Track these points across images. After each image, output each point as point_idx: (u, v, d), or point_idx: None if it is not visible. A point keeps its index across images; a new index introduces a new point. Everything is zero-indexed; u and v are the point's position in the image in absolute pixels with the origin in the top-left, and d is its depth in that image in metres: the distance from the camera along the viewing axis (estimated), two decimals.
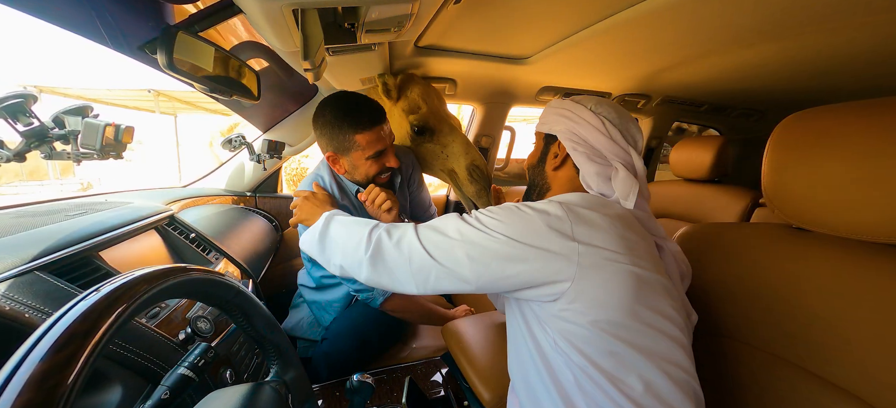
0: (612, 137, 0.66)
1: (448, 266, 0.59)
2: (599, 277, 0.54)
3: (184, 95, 6.71)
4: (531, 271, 0.55)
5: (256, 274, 1.19)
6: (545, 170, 0.75)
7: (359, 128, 0.96)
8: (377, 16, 0.66)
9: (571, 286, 0.54)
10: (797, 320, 0.61)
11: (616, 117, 0.67)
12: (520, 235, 0.56)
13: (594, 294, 0.54)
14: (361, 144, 0.98)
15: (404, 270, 0.62)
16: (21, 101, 0.67)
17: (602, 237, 0.55)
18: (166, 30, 0.62)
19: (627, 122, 0.68)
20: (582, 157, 0.66)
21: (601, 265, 0.54)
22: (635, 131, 0.68)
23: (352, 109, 0.97)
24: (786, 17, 0.84)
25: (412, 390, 0.84)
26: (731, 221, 1.51)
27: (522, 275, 0.56)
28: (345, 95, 1.01)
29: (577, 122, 0.68)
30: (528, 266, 0.55)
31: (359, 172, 1.04)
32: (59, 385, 0.24)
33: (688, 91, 1.69)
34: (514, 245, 0.56)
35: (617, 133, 0.66)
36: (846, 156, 0.55)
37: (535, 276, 0.55)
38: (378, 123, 0.99)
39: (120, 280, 0.32)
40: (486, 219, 0.60)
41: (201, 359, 0.56)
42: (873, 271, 0.54)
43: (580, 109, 0.69)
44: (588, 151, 0.66)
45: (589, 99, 0.70)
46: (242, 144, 1.45)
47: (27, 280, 0.56)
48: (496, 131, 1.83)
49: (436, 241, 0.61)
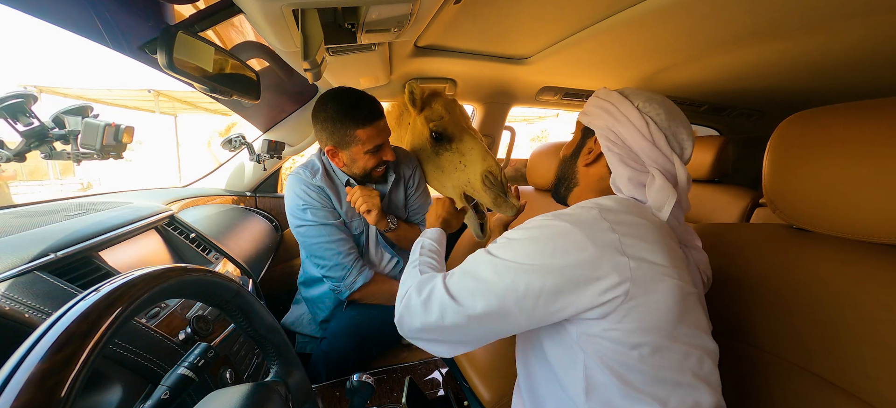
0: (656, 142, 0.59)
1: (490, 318, 0.53)
2: (651, 291, 0.49)
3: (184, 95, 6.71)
4: (584, 298, 0.50)
5: (256, 274, 1.19)
6: (577, 164, 0.70)
7: (360, 123, 0.98)
8: (377, 16, 0.66)
9: (623, 303, 0.49)
10: (797, 319, 0.61)
11: (665, 119, 0.60)
12: (564, 260, 0.50)
13: (645, 311, 0.49)
14: (362, 139, 1.00)
15: (440, 331, 0.57)
16: (21, 101, 0.67)
17: (650, 249, 0.50)
18: (166, 30, 0.62)
19: (678, 125, 0.61)
20: (615, 158, 0.61)
21: (653, 279, 0.49)
22: (685, 137, 0.61)
23: (354, 105, 0.99)
24: (786, 17, 0.84)
25: (412, 390, 0.84)
26: (731, 221, 1.51)
27: (576, 304, 0.50)
28: (345, 90, 1.03)
29: (618, 119, 0.62)
30: (581, 294, 0.50)
31: (357, 165, 1.06)
32: (59, 385, 0.24)
33: (688, 91, 1.69)
34: (560, 275, 0.50)
35: (661, 138, 0.59)
36: (846, 156, 0.55)
37: (589, 300, 0.50)
38: (378, 117, 1.02)
39: (120, 280, 0.32)
40: (521, 248, 0.54)
41: (201, 359, 0.56)
42: (873, 271, 0.54)
43: (625, 105, 0.62)
44: (623, 153, 0.61)
45: (639, 95, 0.63)
46: (242, 144, 1.45)
47: (27, 280, 0.56)
48: (496, 131, 1.83)
49: (470, 289, 0.55)
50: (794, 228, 0.67)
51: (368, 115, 1.00)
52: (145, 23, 0.76)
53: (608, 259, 0.49)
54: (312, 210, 1.08)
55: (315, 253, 1.10)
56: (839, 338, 0.56)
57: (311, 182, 1.09)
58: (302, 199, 1.08)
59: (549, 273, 0.50)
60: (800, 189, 0.61)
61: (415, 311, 0.59)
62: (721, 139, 1.59)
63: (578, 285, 0.49)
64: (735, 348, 0.69)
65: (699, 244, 0.66)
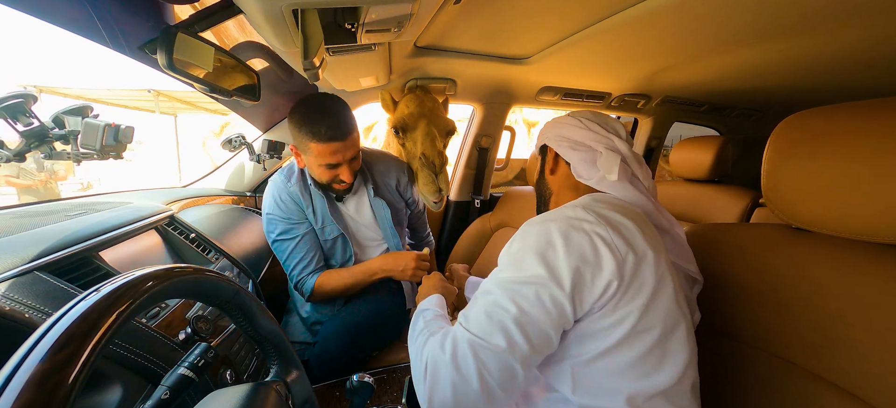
0: (591, 129, 0.73)
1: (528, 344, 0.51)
2: (636, 280, 0.53)
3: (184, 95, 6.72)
4: (592, 293, 0.52)
5: (256, 274, 1.19)
6: (545, 178, 0.81)
7: (314, 138, 1.01)
8: (377, 16, 0.66)
9: (615, 295, 0.52)
10: (797, 319, 0.61)
11: (592, 116, 0.75)
12: (571, 261, 0.52)
13: (630, 299, 0.52)
14: (314, 152, 1.03)
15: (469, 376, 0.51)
16: (21, 101, 0.67)
17: (633, 237, 0.55)
18: (166, 30, 0.62)
19: (605, 118, 0.76)
20: (566, 148, 0.73)
21: (638, 268, 0.53)
22: (615, 124, 0.75)
23: (315, 119, 1.00)
24: (786, 17, 0.84)
25: (412, 390, 0.84)
26: (731, 221, 1.51)
27: (588, 300, 0.52)
28: (316, 100, 1.04)
29: (560, 127, 0.77)
30: (589, 290, 0.52)
31: (314, 173, 1.12)
32: (59, 385, 0.24)
33: (688, 91, 1.69)
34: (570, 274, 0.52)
35: (595, 125, 0.73)
36: (846, 156, 0.55)
37: (593, 296, 0.52)
38: (335, 140, 1.01)
39: (120, 280, 0.32)
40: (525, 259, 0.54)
41: (201, 359, 0.56)
42: (873, 271, 0.54)
43: (562, 119, 0.78)
44: (571, 144, 0.73)
45: (571, 113, 0.79)
46: (242, 144, 1.45)
47: (27, 280, 0.56)
48: (496, 131, 1.83)
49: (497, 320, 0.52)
50: (794, 227, 0.67)
51: (326, 133, 1.00)
52: (145, 23, 0.76)
53: (593, 247, 0.53)
54: (273, 219, 1.15)
55: (280, 256, 1.18)
56: (839, 338, 0.56)
57: (285, 188, 1.15)
58: (268, 208, 1.16)
59: (561, 275, 0.52)
60: (799, 189, 0.61)
61: (443, 375, 0.52)
62: (721, 139, 1.59)
63: (585, 282, 0.52)
64: (735, 347, 0.69)
65: (680, 233, 0.70)
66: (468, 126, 1.86)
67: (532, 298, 0.52)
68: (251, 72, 0.88)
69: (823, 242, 0.62)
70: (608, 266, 0.52)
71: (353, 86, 1.29)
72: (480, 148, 1.85)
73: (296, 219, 1.16)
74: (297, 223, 1.16)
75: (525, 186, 1.84)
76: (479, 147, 1.84)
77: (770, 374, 0.63)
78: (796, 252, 0.64)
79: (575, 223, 0.55)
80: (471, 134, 1.83)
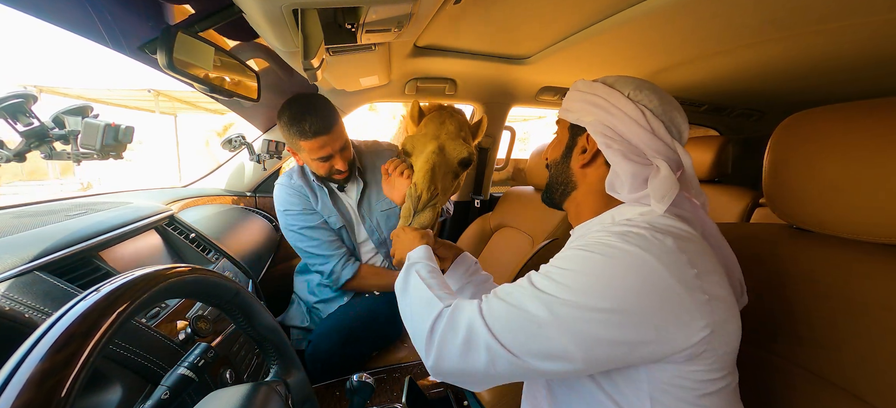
0: (655, 132, 0.54)
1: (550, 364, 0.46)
2: (724, 329, 0.45)
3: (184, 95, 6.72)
4: (668, 346, 0.44)
5: (256, 274, 1.19)
6: (571, 166, 0.64)
7: (302, 136, 1.05)
8: (377, 16, 0.66)
9: (707, 347, 0.44)
10: (797, 319, 0.61)
11: (659, 105, 0.55)
12: (646, 302, 0.43)
13: (720, 350, 0.45)
14: (306, 149, 1.08)
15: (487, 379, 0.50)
16: (21, 101, 0.67)
17: (719, 281, 0.46)
18: (166, 30, 0.62)
19: (672, 110, 0.56)
20: (617, 155, 0.54)
21: (726, 316, 0.46)
22: (681, 121, 0.57)
23: (299, 118, 1.05)
24: (786, 17, 0.84)
25: (412, 390, 0.84)
26: (731, 220, 1.51)
27: (658, 352, 0.44)
28: (299, 101, 1.08)
29: (610, 111, 0.57)
30: (665, 343, 0.43)
31: (312, 168, 1.17)
32: (59, 385, 0.24)
33: (688, 91, 1.69)
34: (642, 319, 0.43)
35: (660, 126, 0.54)
36: (846, 156, 0.55)
37: (672, 347, 0.44)
38: (321, 134, 1.05)
39: (120, 280, 0.32)
40: (584, 281, 0.45)
41: (201, 359, 0.56)
42: (873, 271, 0.54)
43: (616, 97, 0.57)
44: (624, 148, 0.54)
45: (627, 82, 0.58)
46: (242, 144, 1.45)
47: (27, 280, 0.56)
48: (496, 131, 1.83)
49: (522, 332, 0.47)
50: (794, 227, 0.67)
51: (311, 129, 1.04)
52: (145, 23, 0.76)
53: (694, 300, 0.43)
54: (292, 214, 1.17)
55: (303, 252, 1.20)
56: (839, 338, 0.56)
57: (290, 185, 1.20)
58: (282, 204, 1.19)
59: (627, 317, 0.43)
60: (799, 189, 0.61)
61: (451, 354, 0.50)
62: (721, 139, 1.59)
63: (662, 333, 0.43)
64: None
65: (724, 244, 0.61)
66: None
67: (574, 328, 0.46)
68: (251, 72, 0.88)
69: (823, 242, 0.62)
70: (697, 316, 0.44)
71: (353, 86, 1.28)
72: (480, 148, 1.85)
73: (310, 208, 1.19)
74: (312, 212, 1.19)
75: (525, 187, 1.84)
76: (479, 147, 1.84)
77: (770, 374, 0.63)
78: (796, 252, 0.64)
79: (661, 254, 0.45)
80: None
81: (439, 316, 0.53)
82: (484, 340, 0.48)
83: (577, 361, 0.45)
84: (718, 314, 0.45)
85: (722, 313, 0.45)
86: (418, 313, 0.57)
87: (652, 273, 0.43)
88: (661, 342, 0.43)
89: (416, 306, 0.59)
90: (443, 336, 0.51)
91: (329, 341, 1.11)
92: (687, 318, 0.43)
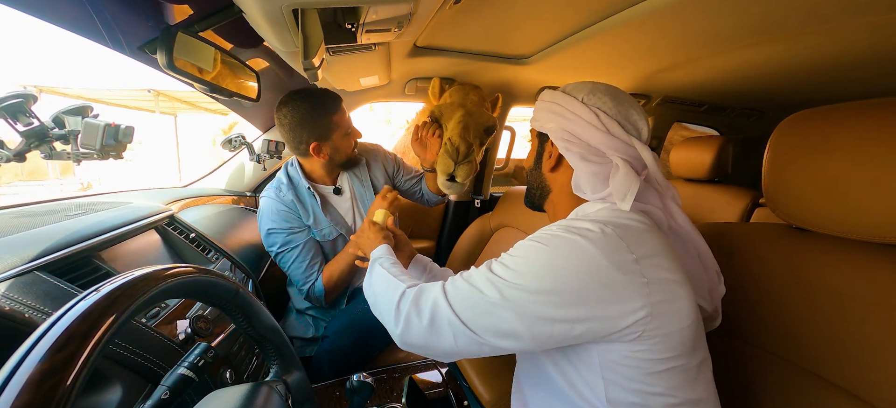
0: (610, 131, 0.58)
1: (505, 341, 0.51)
2: (668, 310, 0.48)
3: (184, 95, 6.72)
4: (604, 325, 0.48)
5: (256, 274, 1.19)
6: (542, 171, 0.69)
7: (334, 111, 1.07)
8: (377, 16, 0.66)
9: (646, 328, 0.48)
10: (797, 319, 0.61)
11: (612, 106, 0.59)
12: (581, 284, 0.47)
13: (665, 332, 0.48)
14: (339, 123, 1.09)
15: (452, 354, 0.55)
16: (21, 101, 0.67)
17: (664, 264, 0.50)
18: (166, 30, 0.62)
19: (628, 108, 0.60)
20: (575, 157, 0.59)
21: (670, 297, 0.49)
22: (638, 118, 0.60)
23: (321, 95, 1.07)
24: (786, 17, 0.84)
25: (412, 390, 0.84)
26: (732, 221, 1.51)
27: (595, 331, 0.48)
28: (306, 89, 1.10)
29: (568, 118, 0.61)
30: (600, 322, 0.48)
31: (340, 153, 1.14)
32: (59, 385, 0.24)
33: (688, 91, 1.69)
34: (568, 303, 0.48)
35: (615, 125, 0.58)
36: (846, 156, 0.55)
37: (608, 327, 0.48)
38: (340, 100, 1.11)
39: (120, 280, 0.32)
40: (531, 267, 0.51)
41: (201, 359, 0.56)
42: (873, 271, 0.54)
43: (571, 103, 0.61)
44: (583, 150, 0.59)
45: (582, 87, 0.63)
46: (242, 144, 1.45)
47: (27, 280, 0.56)
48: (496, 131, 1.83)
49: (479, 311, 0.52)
50: (794, 227, 0.67)
51: (335, 101, 1.08)
52: (145, 23, 0.76)
53: (630, 282, 0.47)
54: (276, 233, 1.12)
55: (285, 267, 1.16)
56: (839, 337, 0.56)
57: (279, 200, 1.13)
58: (267, 222, 1.12)
59: (564, 297, 0.48)
60: (799, 189, 0.61)
61: (417, 330, 0.55)
62: (721, 139, 1.59)
63: (598, 311, 0.47)
64: (735, 347, 0.69)
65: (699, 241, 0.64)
66: None
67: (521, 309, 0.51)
68: (251, 72, 0.88)
69: (823, 242, 0.62)
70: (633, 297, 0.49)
71: (354, 86, 1.29)
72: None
73: (297, 226, 1.14)
74: (298, 231, 1.14)
75: (523, 186, 1.83)
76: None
77: (770, 373, 0.63)
78: (796, 252, 0.64)
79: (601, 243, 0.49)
80: None
81: (403, 295, 0.59)
82: (447, 317, 0.53)
83: (525, 338, 0.50)
84: (658, 296, 0.48)
85: (663, 294, 0.48)
86: (383, 295, 0.64)
87: (587, 257, 0.48)
88: (597, 320, 0.48)
89: (380, 290, 0.65)
90: (408, 314, 0.56)
91: (346, 338, 1.11)
92: (624, 297, 0.47)
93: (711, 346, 0.72)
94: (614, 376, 0.51)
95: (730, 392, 0.69)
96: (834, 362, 0.56)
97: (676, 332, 0.49)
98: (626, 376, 0.50)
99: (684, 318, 0.50)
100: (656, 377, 0.50)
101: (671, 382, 0.50)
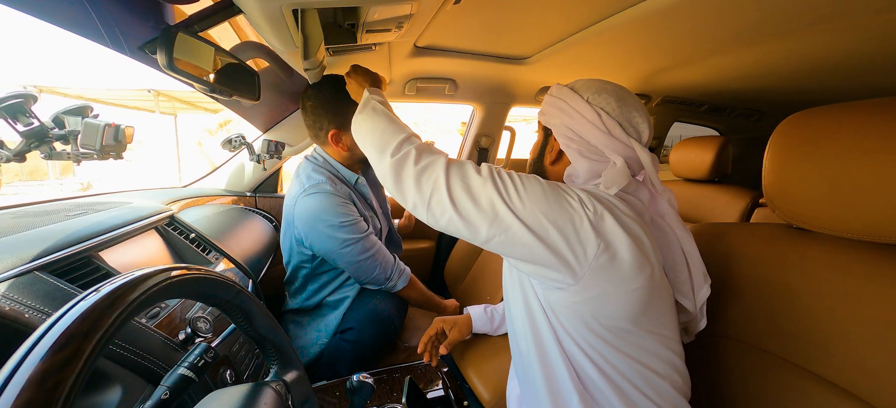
0: (611, 132, 0.61)
1: (466, 220, 0.56)
2: (600, 287, 0.54)
3: (184, 95, 6.72)
4: (544, 253, 0.53)
5: (256, 274, 1.19)
6: (544, 164, 0.72)
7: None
8: (377, 16, 0.66)
9: (581, 279, 0.53)
10: (797, 319, 0.61)
11: (616, 107, 0.62)
12: (547, 209, 0.53)
13: (609, 294, 0.54)
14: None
15: (418, 199, 0.58)
16: (21, 101, 0.67)
17: (622, 236, 0.53)
18: (166, 30, 0.62)
19: (631, 110, 0.62)
20: (574, 153, 0.63)
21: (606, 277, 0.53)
22: (640, 120, 0.62)
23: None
24: (786, 17, 0.84)
25: (412, 390, 0.84)
26: (732, 221, 1.51)
27: (537, 254, 0.53)
28: (335, 74, 1.07)
29: (571, 115, 0.64)
30: (543, 248, 0.53)
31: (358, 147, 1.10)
32: (59, 385, 0.24)
33: (688, 91, 1.69)
34: (540, 219, 0.53)
35: (616, 126, 0.61)
36: (846, 156, 0.55)
37: (554, 258, 0.53)
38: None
39: (120, 280, 0.32)
40: (518, 183, 0.56)
41: (201, 359, 0.56)
42: (873, 271, 0.54)
43: (575, 101, 0.64)
44: (582, 148, 0.62)
45: (589, 86, 0.65)
46: (242, 144, 1.45)
47: (27, 280, 0.56)
48: (496, 131, 1.83)
49: (461, 194, 0.56)
50: (794, 227, 0.67)
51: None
52: (145, 23, 0.76)
53: (587, 223, 0.52)
54: (349, 224, 1.05)
55: (357, 266, 1.08)
56: (839, 337, 0.56)
57: (337, 194, 1.06)
58: (336, 216, 1.04)
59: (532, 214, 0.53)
60: (799, 189, 0.61)
61: (408, 183, 0.58)
62: (721, 139, 1.59)
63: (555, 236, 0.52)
64: (735, 347, 0.69)
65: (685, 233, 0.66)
66: (468, 126, 1.86)
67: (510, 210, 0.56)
68: (251, 72, 0.88)
69: (823, 242, 0.62)
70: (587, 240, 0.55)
71: None
72: (480, 148, 1.85)
73: (358, 215, 1.11)
74: (365, 218, 1.13)
75: None
76: (478, 147, 1.84)
77: (770, 373, 0.63)
78: (796, 252, 0.64)
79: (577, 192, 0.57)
80: (471, 134, 1.83)
81: (408, 140, 0.62)
82: (436, 178, 0.57)
83: (481, 233, 0.55)
84: (611, 253, 0.52)
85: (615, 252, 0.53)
86: (383, 130, 0.65)
87: (561, 193, 0.55)
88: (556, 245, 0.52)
89: (379, 124, 0.67)
90: (407, 154, 0.60)
91: (370, 329, 1.11)
92: (581, 231, 0.52)
93: (710, 345, 0.72)
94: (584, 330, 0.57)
95: (730, 392, 0.69)
96: (834, 362, 0.56)
97: (625, 293, 0.53)
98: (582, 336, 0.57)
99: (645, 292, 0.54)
100: (610, 340, 0.56)
101: (625, 346, 0.56)
